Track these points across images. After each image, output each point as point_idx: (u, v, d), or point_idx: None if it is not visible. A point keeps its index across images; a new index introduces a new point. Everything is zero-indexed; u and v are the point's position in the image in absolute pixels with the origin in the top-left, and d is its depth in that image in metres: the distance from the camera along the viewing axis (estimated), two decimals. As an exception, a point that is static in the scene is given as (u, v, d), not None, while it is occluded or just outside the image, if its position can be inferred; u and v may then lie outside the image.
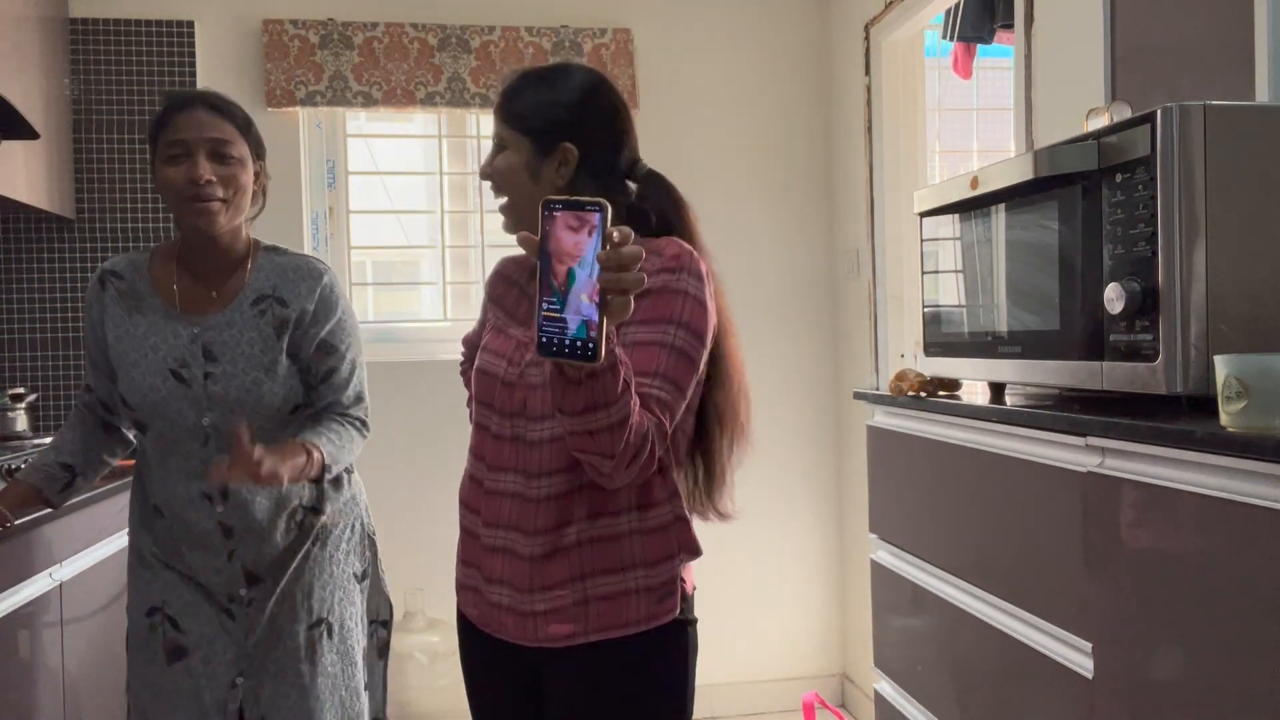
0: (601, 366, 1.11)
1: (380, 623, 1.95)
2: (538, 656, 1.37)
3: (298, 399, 1.75)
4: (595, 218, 1.07)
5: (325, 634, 1.80)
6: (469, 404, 1.63)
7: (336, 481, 1.84)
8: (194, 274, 1.75)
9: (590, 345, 1.08)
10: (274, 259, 1.78)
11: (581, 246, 1.07)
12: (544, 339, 1.11)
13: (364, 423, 1.82)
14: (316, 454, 1.65)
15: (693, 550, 1.39)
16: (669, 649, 1.38)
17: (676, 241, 1.36)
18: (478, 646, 1.46)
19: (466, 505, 1.45)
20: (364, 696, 1.86)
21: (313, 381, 1.77)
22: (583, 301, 1.08)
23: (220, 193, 1.65)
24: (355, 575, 1.88)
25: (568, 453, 1.26)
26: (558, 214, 1.09)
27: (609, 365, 1.12)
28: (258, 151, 1.74)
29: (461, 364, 1.71)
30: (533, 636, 1.35)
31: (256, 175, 1.74)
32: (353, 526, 1.87)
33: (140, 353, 1.72)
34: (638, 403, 1.20)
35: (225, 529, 1.72)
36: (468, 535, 1.44)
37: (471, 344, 1.66)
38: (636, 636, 1.34)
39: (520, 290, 1.49)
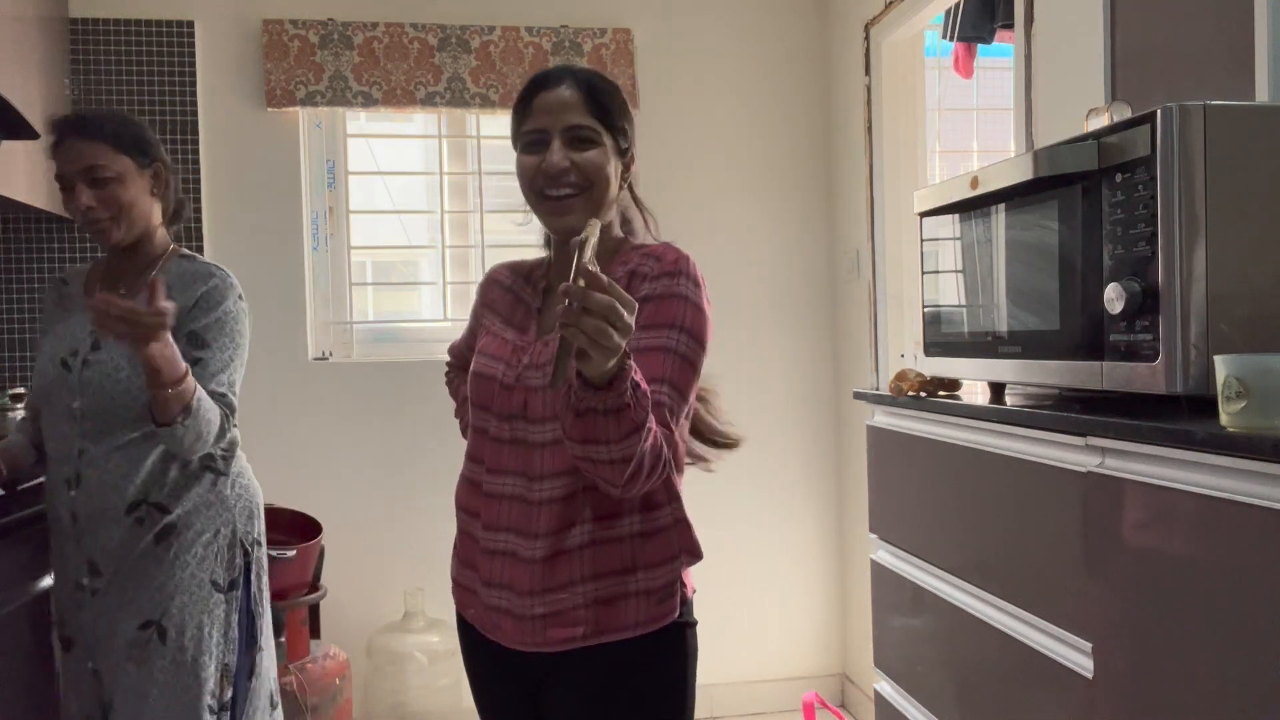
0: (606, 406, 1.11)
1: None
2: (538, 661, 1.36)
3: None
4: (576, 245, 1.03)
5: (157, 637, 1.76)
6: (456, 414, 1.63)
7: (196, 482, 1.82)
8: (113, 278, 1.88)
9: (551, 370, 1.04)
10: (182, 265, 1.88)
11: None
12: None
13: (227, 411, 1.80)
14: (190, 378, 1.66)
15: (694, 553, 1.38)
16: (669, 652, 1.37)
17: (673, 247, 1.38)
18: (480, 650, 1.45)
19: (464, 509, 1.44)
20: (206, 716, 1.78)
21: None
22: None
23: (104, 213, 1.78)
24: (217, 584, 1.83)
25: (569, 455, 1.25)
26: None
27: (614, 408, 1.11)
28: (144, 156, 1.82)
29: (447, 373, 1.70)
30: (531, 641, 1.34)
31: (156, 174, 1.84)
32: (217, 532, 1.83)
33: (47, 344, 1.87)
34: (651, 428, 1.19)
35: (73, 515, 1.78)
36: (466, 537, 1.44)
37: (458, 353, 1.65)
38: (637, 639, 1.34)
39: (515, 296, 1.48)
